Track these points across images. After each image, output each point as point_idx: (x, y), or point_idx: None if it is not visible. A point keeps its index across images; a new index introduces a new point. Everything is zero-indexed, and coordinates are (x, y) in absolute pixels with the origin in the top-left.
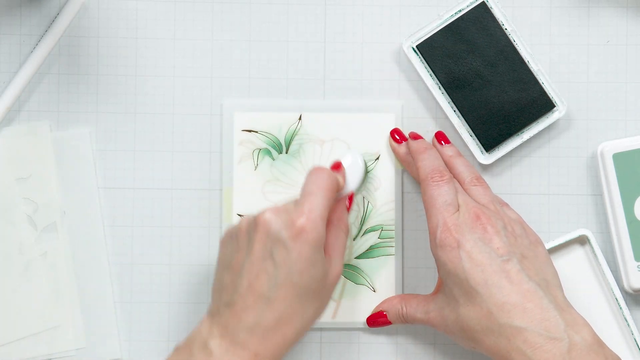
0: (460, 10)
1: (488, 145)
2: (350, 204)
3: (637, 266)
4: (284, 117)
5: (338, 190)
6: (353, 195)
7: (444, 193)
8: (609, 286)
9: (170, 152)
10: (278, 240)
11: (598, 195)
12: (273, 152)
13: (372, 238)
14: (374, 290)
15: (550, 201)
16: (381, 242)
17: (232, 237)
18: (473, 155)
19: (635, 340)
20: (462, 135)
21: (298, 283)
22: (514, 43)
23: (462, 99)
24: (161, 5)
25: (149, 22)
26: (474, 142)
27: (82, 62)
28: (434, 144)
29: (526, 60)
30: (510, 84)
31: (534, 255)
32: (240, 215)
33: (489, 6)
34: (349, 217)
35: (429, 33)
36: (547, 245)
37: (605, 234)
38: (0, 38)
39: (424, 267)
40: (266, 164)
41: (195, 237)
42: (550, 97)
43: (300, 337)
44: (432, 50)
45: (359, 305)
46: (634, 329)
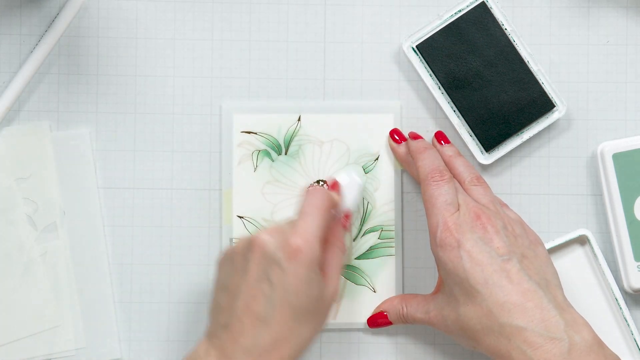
0: (460, 10)
1: (488, 145)
2: (347, 222)
3: (637, 266)
4: (283, 119)
5: (334, 209)
6: (350, 214)
7: (444, 193)
8: (609, 286)
9: (170, 152)
10: (274, 261)
11: (598, 195)
12: (272, 154)
13: (372, 238)
14: (374, 291)
15: (550, 201)
16: (381, 242)
17: (228, 258)
18: (473, 155)
19: (635, 341)
20: (462, 135)
21: (294, 303)
22: (514, 43)
23: (462, 99)
24: (161, 5)
25: (149, 22)
26: (473, 142)
27: (82, 62)
28: (433, 144)
29: (526, 60)
30: (510, 84)
31: (534, 255)
32: (240, 218)
33: (489, 6)
34: (345, 236)
35: (429, 33)
36: (547, 245)
37: (605, 234)
38: (0, 38)
39: (424, 267)
40: (265, 166)
41: (195, 237)
42: (550, 97)
43: (298, 356)
44: (432, 50)
45: (360, 306)
46: (634, 329)
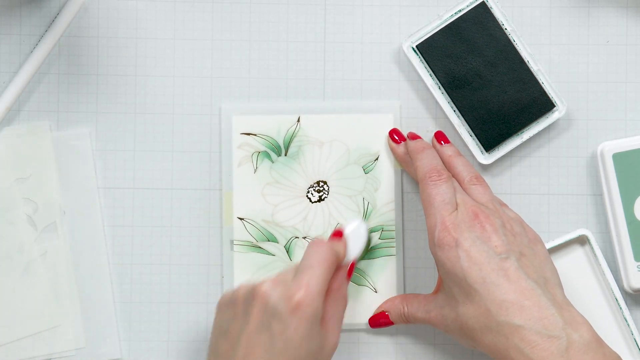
0: (460, 10)
1: (488, 145)
2: (351, 273)
3: (637, 266)
4: (282, 120)
5: (338, 263)
6: (354, 263)
7: (442, 192)
8: (609, 286)
9: (170, 152)
10: (275, 314)
11: (598, 195)
12: (272, 155)
13: (372, 239)
14: (376, 291)
15: (550, 201)
16: (382, 242)
17: (229, 303)
18: (473, 155)
19: (635, 340)
20: (462, 135)
21: (294, 356)
22: (514, 43)
23: (462, 99)
24: (161, 5)
25: (149, 22)
26: (473, 142)
27: (82, 62)
28: (433, 144)
29: (526, 60)
30: (510, 84)
31: (532, 253)
32: (241, 219)
33: (489, 6)
34: (347, 286)
35: (428, 33)
36: (547, 245)
37: (605, 234)
38: (0, 38)
39: (424, 267)
40: (265, 167)
41: (195, 237)
42: (550, 97)
43: None
44: (432, 50)
45: (361, 306)
46: (633, 329)
